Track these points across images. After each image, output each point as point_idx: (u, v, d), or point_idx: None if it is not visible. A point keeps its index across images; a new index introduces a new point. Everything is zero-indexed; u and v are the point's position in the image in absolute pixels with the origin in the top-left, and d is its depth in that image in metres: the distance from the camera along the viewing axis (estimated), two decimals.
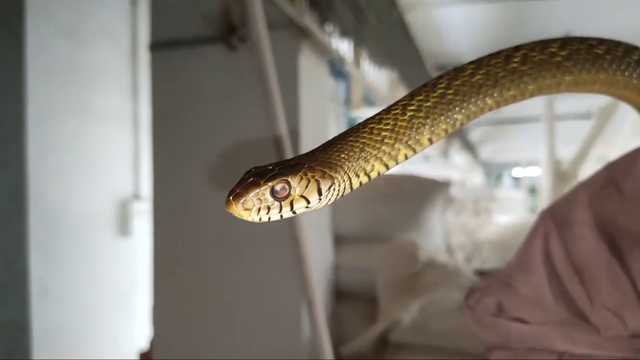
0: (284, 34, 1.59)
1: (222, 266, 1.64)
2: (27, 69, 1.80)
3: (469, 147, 6.77)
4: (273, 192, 0.49)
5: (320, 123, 1.84)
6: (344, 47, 2.06)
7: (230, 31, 1.59)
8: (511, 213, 5.15)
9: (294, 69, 1.60)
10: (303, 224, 1.34)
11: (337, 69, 2.31)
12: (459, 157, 6.43)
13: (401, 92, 3.30)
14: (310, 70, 1.70)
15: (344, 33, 1.92)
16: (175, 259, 1.70)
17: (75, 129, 2.18)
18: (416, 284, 1.94)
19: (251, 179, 0.50)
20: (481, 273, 2.12)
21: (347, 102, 4.08)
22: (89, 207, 2.26)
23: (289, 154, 1.34)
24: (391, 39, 2.54)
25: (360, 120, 0.56)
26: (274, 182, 0.49)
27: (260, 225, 0.52)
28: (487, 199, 4.22)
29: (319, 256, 1.80)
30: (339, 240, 2.03)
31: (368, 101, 4.01)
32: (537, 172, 9.27)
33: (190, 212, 1.68)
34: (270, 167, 0.51)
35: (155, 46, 1.70)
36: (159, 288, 1.71)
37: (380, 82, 2.89)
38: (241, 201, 0.49)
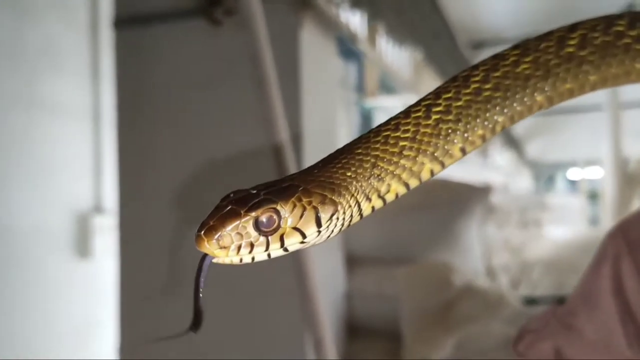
0: (281, 5, 1.59)
1: (208, 296, 1.63)
2: None
3: (513, 144, 6.77)
4: (257, 225, 0.47)
5: (327, 115, 1.83)
6: (355, 20, 2.06)
7: (214, 2, 1.59)
8: (567, 225, 5.13)
9: (294, 49, 1.59)
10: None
11: (347, 47, 2.31)
12: (500, 156, 6.42)
13: (427, 76, 3.30)
14: (315, 50, 1.70)
15: (356, 3, 1.93)
16: (147, 285, 1.69)
17: (22, 125, 2.19)
18: (449, 316, 1.93)
19: (229, 207, 0.48)
20: (531, 301, 2.11)
21: (360, 89, 4.08)
22: (40, 222, 2.26)
23: (289, 153, 1.34)
24: (414, 10, 2.54)
25: (376, 110, 0.54)
26: (259, 211, 0.47)
27: None
28: (537, 207, 4.20)
29: (328, 282, 1.79)
30: (353, 262, 2.02)
31: (386, 87, 4.00)
32: (599, 174, 9.26)
33: (164, 228, 1.68)
34: (254, 192, 0.49)
35: (120, 22, 1.70)
36: (128, 322, 1.70)
37: (400, 63, 2.90)
38: (215, 237, 0.47)
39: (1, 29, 2.11)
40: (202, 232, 0.47)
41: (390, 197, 0.52)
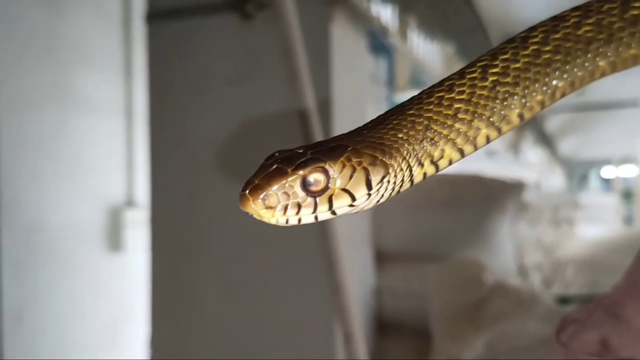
0: None
1: (237, 290, 1.64)
2: None
3: (546, 140, 6.67)
4: (305, 184, 0.45)
5: (357, 110, 1.83)
6: (386, 14, 2.05)
7: None
8: (600, 224, 5.05)
9: (325, 43, 1.59)
10: (338, 236, 1.33)
11: (378, 41, 2.30)
12: (532, 153, 6.33)
13: None
14: (345, 44, 1.69)
15: None
16: (178, 279, 1.71)
17: (55, 121, 2.21)
18: (480, 314, 1.91)
19: (275, 166, 0.46)
20: (564, 300, 2.09)
21: (391, 83, 4.05)
22: (73, 217, 2.29)
23: None
24: (446, 3, 2.52)
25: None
26: (307, 170, 0.45)
27: (285, 237, 0.50)
28: (570, 206, 4.14)
29: (357, 277, 1.79)
30: (382, 258, 2.01)
31: (417, 82, 3.97)
32: (634, 172, 9.10)
33: (196, 222, 1.69)
34: (301, 151, 0.47)
35: (153, 16, 1.72)
36: (158, 315, 1.72)
37: (432, 57, 2.87)
38: (261, 196, 0.45)
39: (35, 25, 2.13)
40: (247, 191, 0.45)
41: (443, 164, 0.50)
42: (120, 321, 2.50)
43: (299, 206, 0.46)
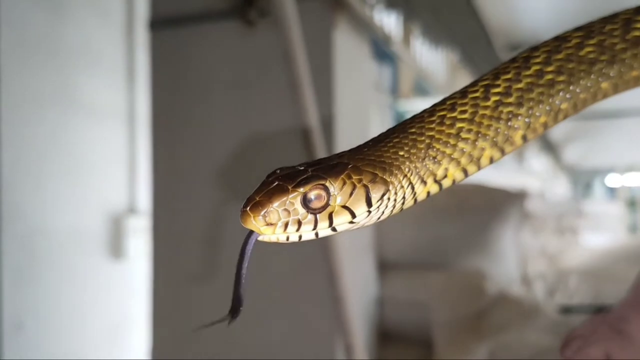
0: (315, 6, 1.58)
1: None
2: None
3: (550, 148, 6.67)
4: (306, 201, 0.46)
5: (360, 117, 1.82)
6: (390, 22, 2.05)
7: (248, 3, 1.60)
8: (605, 233, 5.04)
9: (328, 50, 1.59)
10: (340, 245, 1.33)
11: (381, 49, 2.30)
12: (537, 161, 6.33)
13: (464, 79, 3.27)
14: (348, 52, 1.69)
15: (390, 4, 1.91)
16: (179, 287, 1.70)
17: (57, 125, 2.21)
18: (483, 324, 1.91)
19: (276, 183, 0.46)
20: (567, 310, 2.08)
21: (394, 91, 4.06)
22: (74, 223, 2.29)
23: (322, 156, 1.33)
24: (450, 11, 2.52)
25: (411, 115, 0.52)
26: (307, 187, 0.46)
27: (287, 246, 0.50)
28: (574, 214, 4.14)
29: (359, 287, 1.78)
30: (385, 267, 2.00)
31: (421, 90, 3.98)
32: (639, 181, 9.09)
33: (197, 230, 1.68)
34: (302, 168, 0.47)
35: (156, 23, 1.72)
36: (159, 322, 1.71)
37: (436, 66, 2.87)
38: (262, 213, 0.45)
39: (39, 28, 2.14)
40: (248, 207, 0.45)
41: (447, 183, 0.50)
42: (121, 328, 2.49)
43: (300, 223, 0.46)
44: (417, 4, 2.15)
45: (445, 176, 0.50)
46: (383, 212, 0.49)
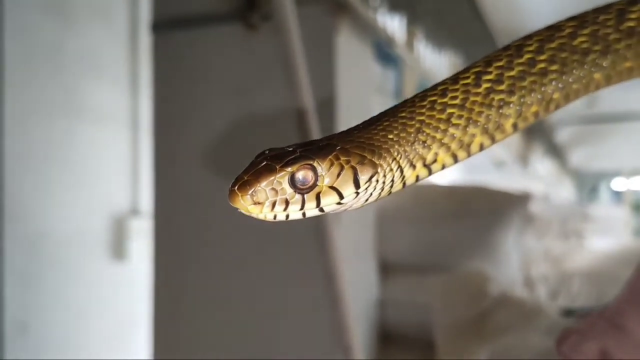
0: (318, 9, 1.58)
1: (239, 300, 1.64)
2: (4, 55, 1.85)
3: (555, 152, 6.65)
4: (293, 181, 0.46)
5: (363, 119, 1.83)
6: (393, 24, 2.05)
7: (251, 7, 1.60)
8: (610, 236, 5.02)
9: (330, 53, 1.59)
10: (339, 245, 1.33)
11: (385, 52, 2.30)
12: (541, 165, 6.31)
13: None
14: (351, 55, 1.69)
15: (394, 6, 1.92)
16: (181, 289, 1.71)
17: (62, 131, 2.23)
18: (485, 326, 1.90)
19: (264, 163, 0.47)
20: (569, 313, 2.07)
21: (398, 94, 4.06)
22: (78, 225, 2.30)
23: None
24: (454, 14, 2.52)
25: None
26: (295, 167, 0.46)
27: (289, 247, 0.51)
28: (579, 218, 4.12)
29: (360, 289, 1.78)
30: (386, 269, 2.01)
31: None
32: None
33: (199, 232, 1.69)
34: (291, 149, 0.48)
35: (158, 26, 1.72)
36: (161, 324, 1.72)
37: (440, 68, 2.87)
38: (250, 192, 0.46)
39: (44, 35, 2.15)
40: (236, 187, 0.46)
41: (436, 168, 0.50)
42: (124, 330, 2.50)
43: (287, 202, 0.47)
44: (421, 7, 2.15)
45: (435, 161, 0.50)
46: (371, 194, 0.49)
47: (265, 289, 1.61)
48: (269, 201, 0.46)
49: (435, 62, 2.81)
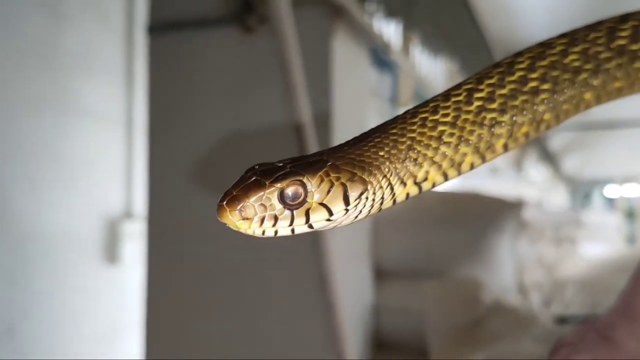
0: (314, 13, 1.58)
1: (232, 305, 1.63)
2: None
3: (549, 158, 6.68)
4: (283, 197, 0.46)
5: (358, 124, 1.82)
6: (389, 30, 2.05)
7: (247, 9, 1.60)
8: (603, 243, 5.04)
9: (326, 58, 1.59)
10: (333, 251, 1.33)
11: (380, 57, 2.30)
12: (535, 171, 6.33)
13: None
14: (347, 59, 1.69)
15: (390, 12, 1.92)
16: (174, 293, 1.70)
17: (54, 129, 2.21)
18: (478, 333, 1.90)
19: (254, 179, 0.47)
20: (563, 320, 2.07)
21: (394, 100, 4.06)
22: (69, 227, 2.28)
23: None
24: (450, 20, 2.53)
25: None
26: (285, 183, 0.46)
27: (282, 253, 0.50)
28: (572, 224, 4.13)
29: (354, 296, 1.78)
30: (381, 275, 2.00)
31: (420, 99, 3.98)
32: (637, 191, 9.09)
33: (193, 236, 1.68)
34: (281, 164, 0.48)
35: (155, 28, 1.72)
36: (153, 329, 1.71)
37: (435, 74, 2.87)
38: (238, 207, 0.46)
39: (38, 32, 2.14)
40: (225, 202, 0.46)
41: (427, 186, 0.50)
42: (115, 333, 2.48)
43: (276, 218, 0.46)
44: (417, 13, 2.16)
45: (426, 179, 0.49)
46: (361, 212, 0.49)
47: (258, 293, 1.60)
48: (258, 217, 0.46)
49: (431, 68, 2.82)
